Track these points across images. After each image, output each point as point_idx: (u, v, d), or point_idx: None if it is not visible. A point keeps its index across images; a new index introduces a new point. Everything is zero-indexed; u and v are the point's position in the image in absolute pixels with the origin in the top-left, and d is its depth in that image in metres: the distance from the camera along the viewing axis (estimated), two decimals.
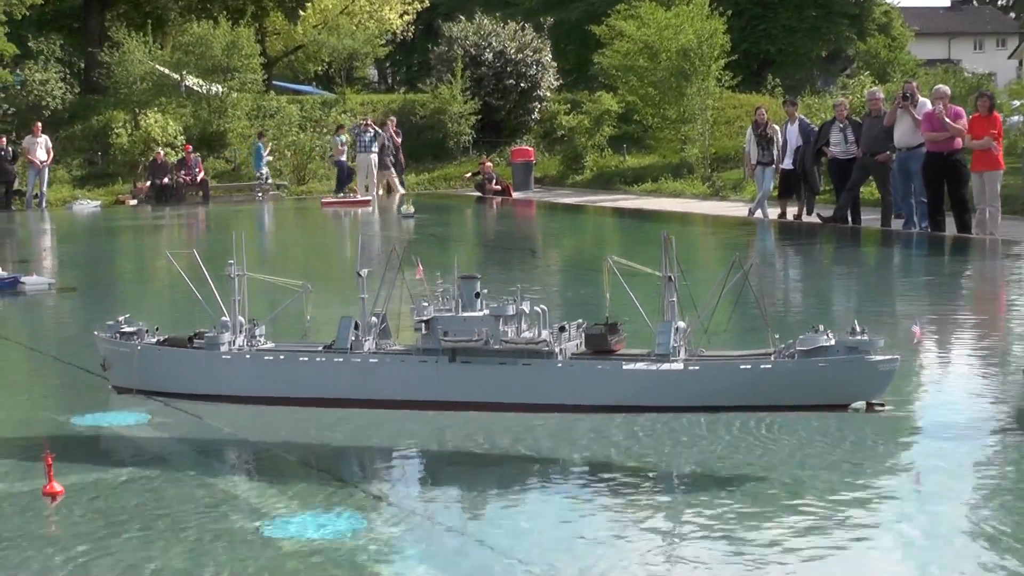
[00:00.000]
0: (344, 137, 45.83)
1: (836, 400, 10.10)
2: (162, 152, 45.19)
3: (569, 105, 50.44)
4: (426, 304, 10.62)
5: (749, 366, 10.11)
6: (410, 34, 60.41)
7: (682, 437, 9.73)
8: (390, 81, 79.39)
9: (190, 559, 7.43)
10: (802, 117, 31.26)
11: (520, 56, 51.64)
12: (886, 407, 10.25)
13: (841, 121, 28.31)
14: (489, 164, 44.29)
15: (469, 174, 45.26)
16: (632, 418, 10.15)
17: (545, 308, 10.80)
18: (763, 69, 56.30)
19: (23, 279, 20.03)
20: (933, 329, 15.23)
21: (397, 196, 42.63)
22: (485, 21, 52.88)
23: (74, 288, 20.02)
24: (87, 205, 42.67)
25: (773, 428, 9.76)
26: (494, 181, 42.87)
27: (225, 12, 52.66)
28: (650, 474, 8.97)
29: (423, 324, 10.54)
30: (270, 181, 45.98)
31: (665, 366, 10.20)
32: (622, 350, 10.59)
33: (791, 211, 30.48)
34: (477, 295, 10.60)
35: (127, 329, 11.42)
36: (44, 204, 43.19)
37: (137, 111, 47.94)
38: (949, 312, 16.81)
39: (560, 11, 60.15)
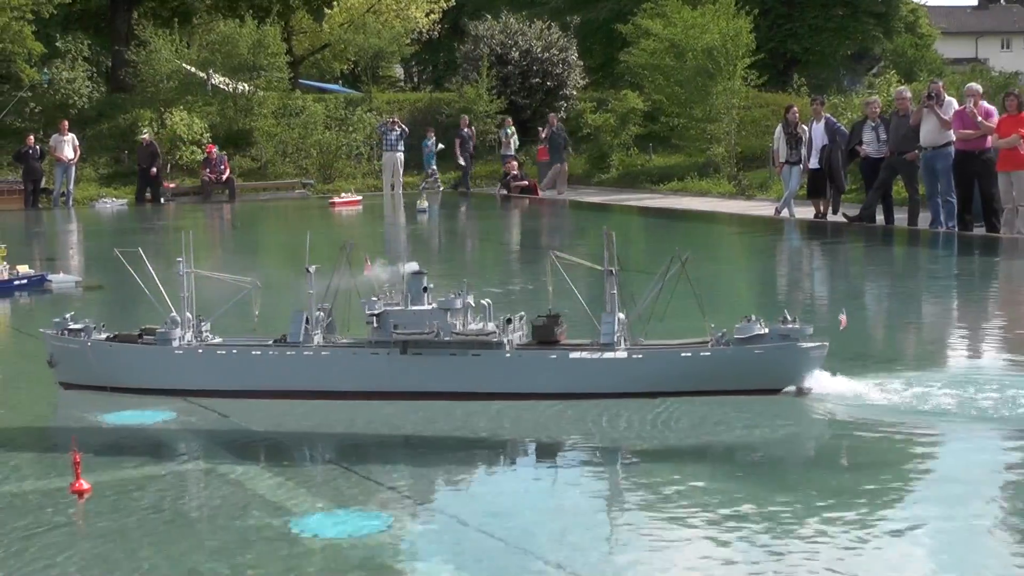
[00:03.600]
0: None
1: (770, 385, 10.65)
2: (148, 135, 45.12)
3: (595, 104, 50.32)
4: (376, 299, 10.91)
5: (690, 354, 10.59)
6: (436, 33, 60.34)
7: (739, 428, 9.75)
8: (416, 80, 79.28)
9: (216, 556, 7.44)
10: (828, 116, 31.09)
11: (546, 55, 51.55)
12: (814, 390, 10.70)
13: (873, 120, 28.19)
14: (514, 163, 44.26)
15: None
16: (645, 406, 10.46)
17: (490, 301, 11.13)
18: (789, 68, 56.08)
19: (50, 277, 20.12)
20: (963, 331, 15.23)
21: (559, 188, 42.93)
22: (511, 20, 52.81)
23: (100, 286, 20.08)
24: (111, 204, 42.75)
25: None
26: (520, 179, 42.88)
27: (251, 10, 52.69)
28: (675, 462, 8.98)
29: (374, 318, 10.84)
30: (436, 177, 46.05)
31: (609, 354, 10.62)
32: (563, 340, 10.97)
33: (815, 210, 30.35)
34: (425, 289, 10.92)
35: (74, 326, 11.60)
36: (71, 202, 43.30)
37: (163, 109, 48.00)
38: (977, 313, 16.76)
39: (586, 10, 59.97)
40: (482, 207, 41.03)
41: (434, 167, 46.11)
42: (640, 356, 10.65)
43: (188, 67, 49.96)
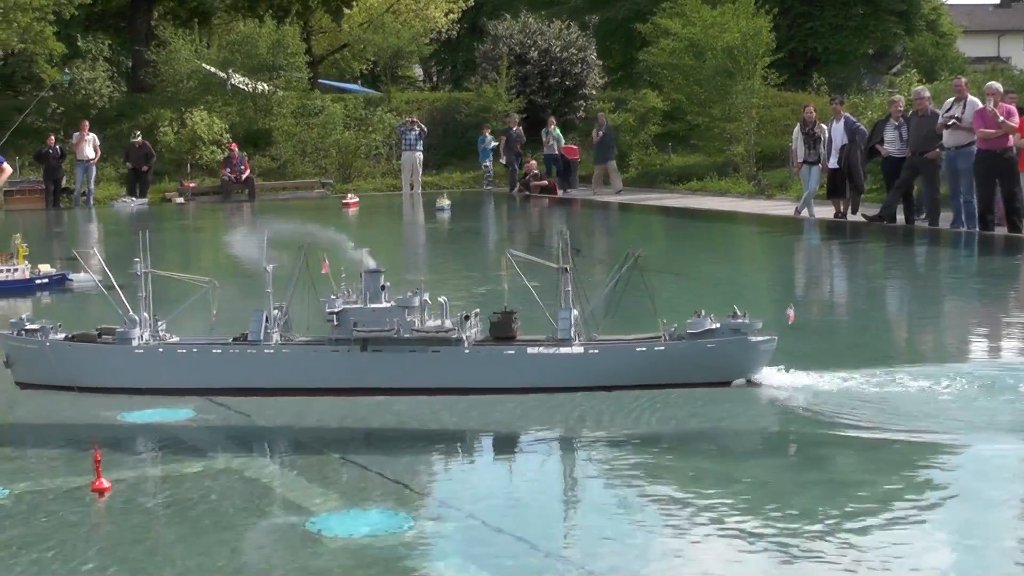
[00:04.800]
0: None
1: (722, 378, 10.91)
2: (140, 136, 45.22)
3: (614, 103, 50.29)
4: (335, 297, 11.06)
5: (644, 348, 10.81)
6: (455, 32, 60.38)
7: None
8: (435, 79, 79.31)
9: (236, 555, 7.46)
10: (848, 115, 31.00)
11: (565, 54, 51.52)
12: (763, 383, 11.00)
13: (896, 119, 28.08)
14: (533, 162, 44.26)
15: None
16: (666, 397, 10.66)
17: (447, 298, 11.27)
18: (809, 67, 55.87)
19: (71, 276, 20.17)
20: (984, 331, 15.20)
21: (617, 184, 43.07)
22: (530, 19, 52.78)
23: (121, 285, 20.10)
24: (129, 203, 42.81)
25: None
26: (539, 179, 42.89)
27: (271, 10, 52.85)
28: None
29: (334, 316, 10.98)
30: (491, 173, 46.02)
31: (565, 349, 10.81)
32: (519, 336, 11.18)
33: (835, 209, 30.28)
34: (383, 288, 11.10)
35: (30, 327, 11.63)
36: (91, 202, 43.41)
37: (183, 109, 48.10)
38: (997, 313, 16.72)
39: (605, 9, 59.88)
40: (502, 206, 41.02)
41: (488, 163, 45.88)
42: (596, 351, 10.85)
43: (208, 67, 50.09)
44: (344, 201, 40.34)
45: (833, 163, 29.92)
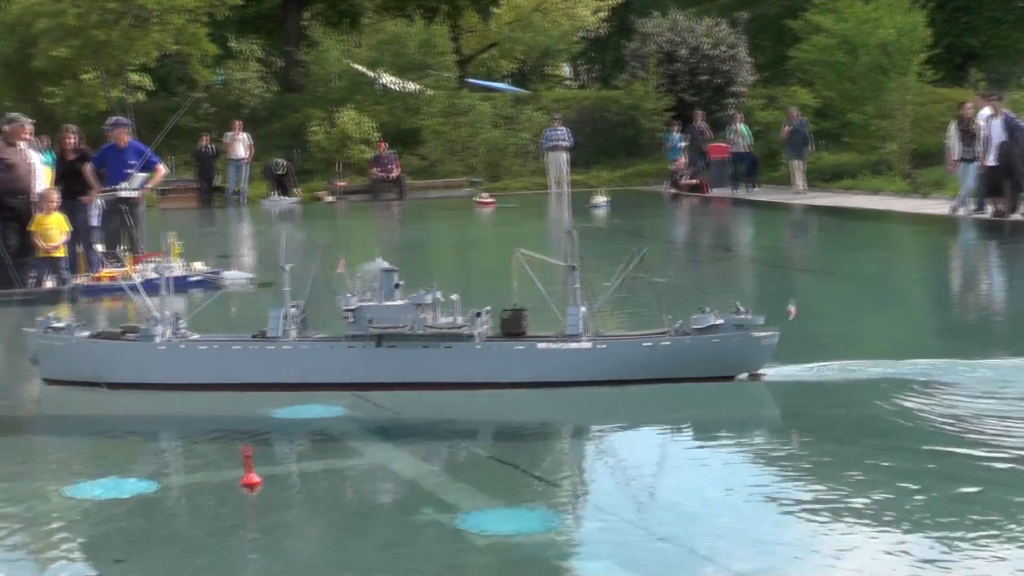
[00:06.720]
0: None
1: (726, 372, 11.36)
2: (207, 139, 45.60)
3: (764, 101, 49.81)
4: (350, 295, 11.54)
5: (651, 343, 11.32)
6: (603, 30, 60.30)
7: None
8: (583, 77, 79.33)
9: (383, 551, 7.42)
10: (1007, 112, 30.29)
11: (715, 52, 51.17)
12: (765, 376, 11.43)
13: None
14: (682, 160, 44.00)
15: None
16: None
17: (458, 296, 11.72)
18: (966, 63, 54.81)
19: (223, 274, 20.43)
20: None
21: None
22: (679, 17, 52.52)
23: (271, 283, 20.31)
24: (280, 202, 43.34)
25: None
26: (688, 177, 42.63)
27: (420, 10, 53.18)
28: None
29: (350, 313, 11.48)
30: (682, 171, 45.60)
31: (574, 345, 11.31)
32: (528, 332, 11.65)
33: (993, 208, 29.60)
34: (397, 286, 11.61)
35: (56, 325, 12.22)
36: (243, 200, 44.07)
37: (333, 109, 48.59)
38: None
39: (756, 6, 59.44)
40: (652, 205, 40.81)
41: (681, 159, 45.54)
42: (604, 346, 11.35)
43: (357, 67, 50.56)
44: (478, 200, 40.49)
45: (992, 160, 29.25)
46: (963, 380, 11.12)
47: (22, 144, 21.14)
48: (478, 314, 11.50)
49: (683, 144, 45.49)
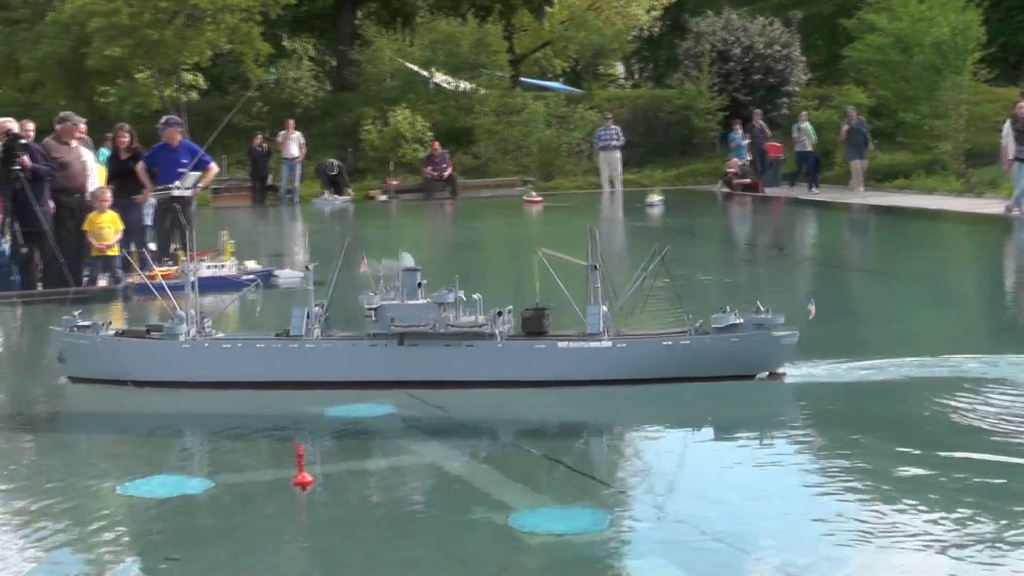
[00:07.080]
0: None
1: (745, 371, 11.42)
2: (260, 138, 45.68)
3: (818, 100, 49.54)
4: (373, 294, 11.68)
5: (671, 342, 11.43)
6: (657, 30, 60.14)
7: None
8: (636, 77, 79.14)
9: (435, 550, 7.44)
10: None
11: (768, 51, 50.93)
12: (785, 375, 11.49)
13: None
14: (735, 159, 43.82)
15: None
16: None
17: (480, 296, 11.82)
18: (1021, 62, 54.36)
19: (276, 272, 20.52)
20: None
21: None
22: (733, 16, 52.31)
23: (324, 282, 20.38)
24: (333, 201, 43.44)
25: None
26: (742, 177, 42.46)
27: (473, 9, 53.21)
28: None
29: (373, 312, 11.62)
30: (744, 165, 44.75)
31: (594, 344, 11.39)
32: (549, 331, 11.77)
33: None
34: (419, 285, 11.69)
35: (82, 323, 12.37)
36: (296, 199, 44.23)
37: (386, 108, 48.66)
38: None
39: (810, 5, 59.17)
40: (705, 204, 40.66)
41: (746, 158, 45.22)
42: (624, 345, 11.41)
43: (410, 66, 50.62)
44: (527, 199, 40.51)
45: None
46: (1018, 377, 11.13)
47: (75, 143, 21.32)
48: (499, 313, 11.59)
49: (746, 142, 45.30)
